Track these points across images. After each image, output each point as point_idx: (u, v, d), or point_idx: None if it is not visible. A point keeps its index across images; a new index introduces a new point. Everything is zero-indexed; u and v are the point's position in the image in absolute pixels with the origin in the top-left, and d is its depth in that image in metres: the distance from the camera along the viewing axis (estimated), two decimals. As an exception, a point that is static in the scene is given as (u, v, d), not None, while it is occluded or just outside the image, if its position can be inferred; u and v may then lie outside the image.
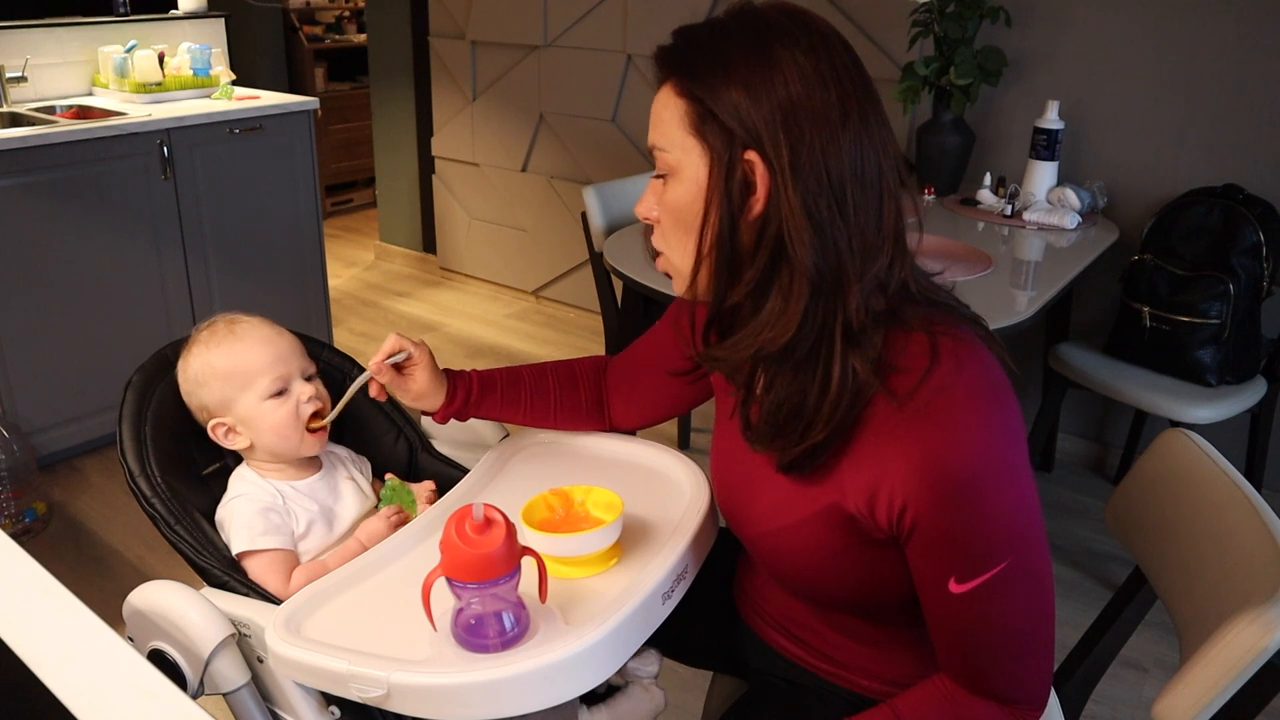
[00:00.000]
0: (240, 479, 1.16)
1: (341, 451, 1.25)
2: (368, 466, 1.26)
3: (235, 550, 1.09)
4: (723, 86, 0.82)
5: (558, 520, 1.02)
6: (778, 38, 0.82)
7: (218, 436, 1.15)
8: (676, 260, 0.91)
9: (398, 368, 1.12)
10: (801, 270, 0.82)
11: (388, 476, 1.21)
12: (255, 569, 1.08)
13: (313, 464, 1.19)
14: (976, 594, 0.84)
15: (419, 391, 1.13)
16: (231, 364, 1.13)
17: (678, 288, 0.94)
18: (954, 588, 0.84)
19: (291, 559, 1.10)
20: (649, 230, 0.98)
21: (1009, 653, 0.87)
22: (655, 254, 0.96)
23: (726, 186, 0.83)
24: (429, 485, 1.21)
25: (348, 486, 1.20)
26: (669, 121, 0.86)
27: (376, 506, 1.19)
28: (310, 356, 1.21)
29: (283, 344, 1.16)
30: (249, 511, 1.11)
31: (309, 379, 1.17)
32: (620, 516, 0.99)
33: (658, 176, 0.90)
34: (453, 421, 1.17)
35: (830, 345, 0.84)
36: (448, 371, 1.16)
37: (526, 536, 0.94)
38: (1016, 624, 0.86)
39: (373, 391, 1.14)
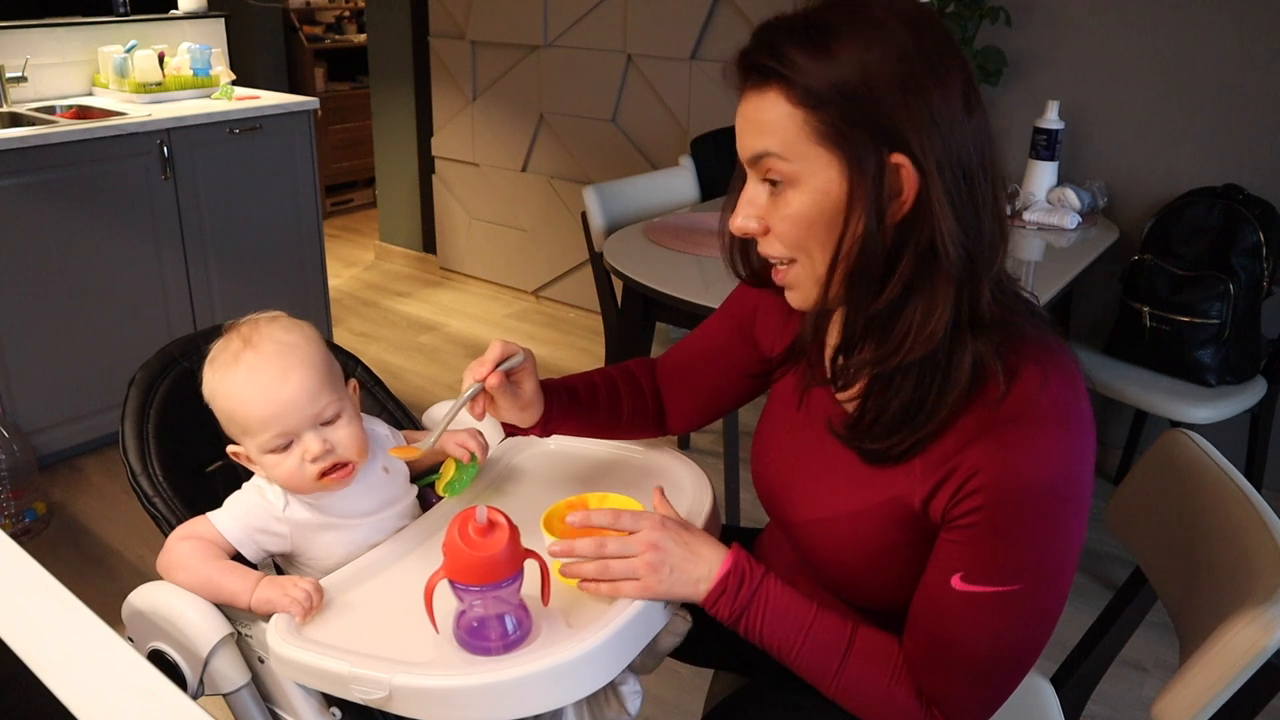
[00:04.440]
0: (256, 488, 1.06)
1: (381, 430, 1.13)
2: (401, 439, 1.16)
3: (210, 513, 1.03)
4: (854, 91, 0.78)
5: (578, 529, 1.00)
6: (892, 28, 0.78)
7: (240, 461, 1.06)
8: (804, 272, 0.86)
9: (507, 376, 0.99)
10: (948, 270, 0.80)
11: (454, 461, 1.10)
12: (189, 529, 1.02)
13: None
14: (971, 599, 0.83)
15: (528, 399, 1.01)
16: (229, 406, 1.01)
17: (802, 300, 0.89)
18: (956, 583, 0.83)
19: (220, 557, 1.02)
20: (736, 242, 0.95)
21: (969, 670, 0.86)
22: (756, 266, 0.94)
23: (875, 193, 0.79)
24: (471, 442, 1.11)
25: (378, 480, 1.09)
26: (785, 131, 0.81)
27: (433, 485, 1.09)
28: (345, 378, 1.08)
29: (285, 394, 0.99)
30: (243, 508, 1.04)
31: (329, 422, 1.02)
32: None
33: (768, 181, 0.84)
34: (453, 422, 1.15)
35: (961, 338, 0.82)
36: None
37: (549, 546, 0.94)
38: (987, 646, 0.85)
39: (476, 411, 0.98)
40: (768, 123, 0.82)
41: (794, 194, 0.83)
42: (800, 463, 0.99)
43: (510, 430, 1.08)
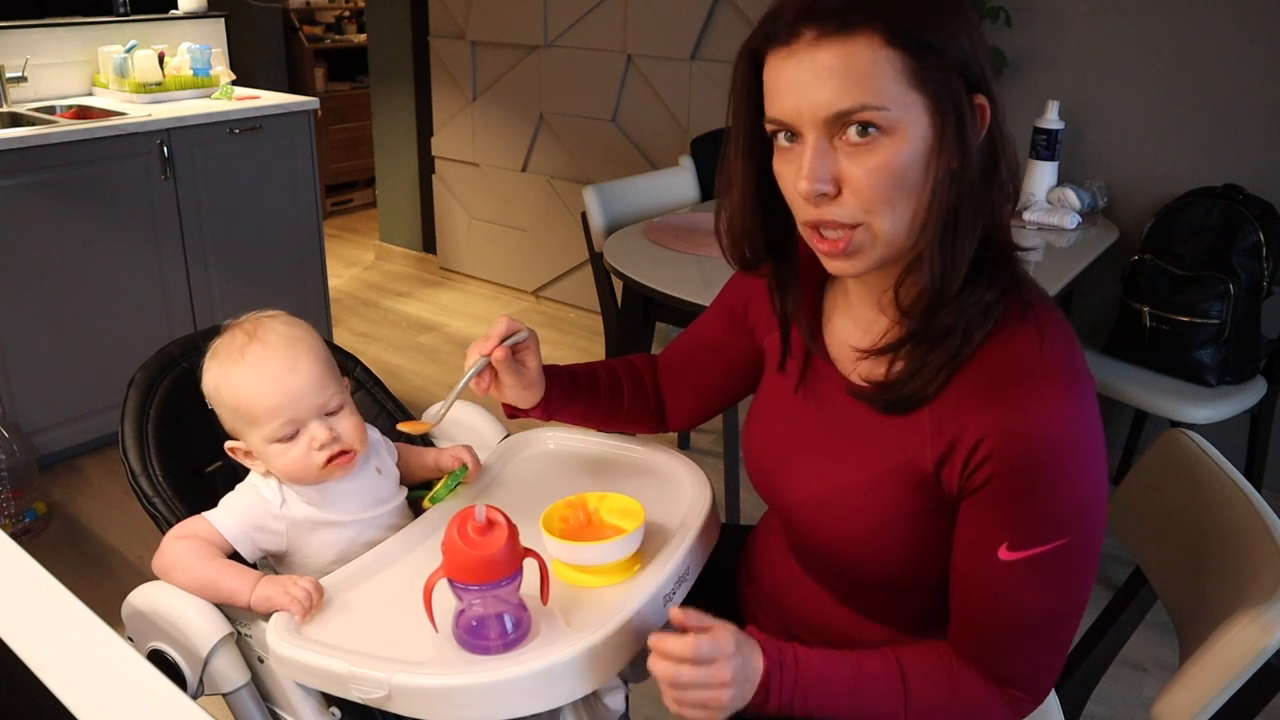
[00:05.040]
0: (253, 486, 1.08)
1: (374, 435, 1.14)
2: (393, 449, 1.18)
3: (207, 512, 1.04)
4: (950, 27, 0.78)
5: (578, 528, 1.00)
6: None
7: (238, 458, 1.08)
8: (888, 228, 0.82)
9: (512, 352, 0.99)
10: (1006, 206, 0.84)
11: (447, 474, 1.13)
12: (186, 528, 1.03)
13: None
14: (1024, 565, 0.82)
15: (531, 378, 1.02)
16: (236, 398, 1.03)
17: (862, 263, 0.84)
18: (1004, 554, 0.82)
19: (218, 556, 1.03)
20: (740, 228, 0.94)
21: (1030, 634, 0.86)
22: (753, 252, 0.95)
23: (972, 133, 0.80)
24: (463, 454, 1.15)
25: (370, 481, 1.11)
26: (881, 77, 0.77)
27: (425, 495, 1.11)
28: (343, 373, 1.11)
29: (294, 383, 1.02)
30: (240, 505, 1.05)
31: (332, 413, 1.05)
32: (643, 524, 0.97)
33: (858, 128, 0.78)
34: (452, 422, 1.16)
35: (995, 273, 0.85)
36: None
37: (549, 546, 0.94)
38: (1049, 607, 0.85)
39: (481, 386, 0.99)
40: (860, 70, 0.77)
41: (890, 144, 0.79)
42: (802, 441, 0.98)
43: (511, 412, 1.08)
